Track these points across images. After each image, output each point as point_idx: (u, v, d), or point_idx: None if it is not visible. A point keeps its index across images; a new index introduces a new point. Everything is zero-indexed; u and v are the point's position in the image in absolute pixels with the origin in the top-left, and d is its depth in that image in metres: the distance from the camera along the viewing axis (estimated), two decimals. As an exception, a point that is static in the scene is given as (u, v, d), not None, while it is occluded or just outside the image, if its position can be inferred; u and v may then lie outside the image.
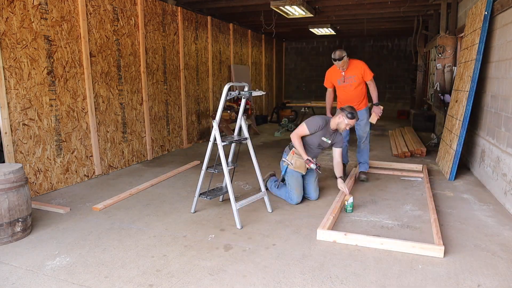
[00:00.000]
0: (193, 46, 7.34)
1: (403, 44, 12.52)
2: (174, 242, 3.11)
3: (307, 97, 13.64)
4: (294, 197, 3.96)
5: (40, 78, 4.21)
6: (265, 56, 11.60)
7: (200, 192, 3.71)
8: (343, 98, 4.76)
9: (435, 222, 3.29)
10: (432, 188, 4.44)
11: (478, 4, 4.85)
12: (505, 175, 3.88)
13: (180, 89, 6.98)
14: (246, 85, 3.82)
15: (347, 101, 4.65)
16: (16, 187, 3.07)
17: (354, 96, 4.68)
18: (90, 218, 3.64)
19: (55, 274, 2.63)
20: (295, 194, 3.95)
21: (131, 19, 5.56)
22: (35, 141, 4.21)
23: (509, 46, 3.91)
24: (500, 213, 3.70)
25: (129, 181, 4.87)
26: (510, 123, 3.81)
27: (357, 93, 4.67)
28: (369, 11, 7.89)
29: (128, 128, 5.65)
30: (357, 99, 4.69)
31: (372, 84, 4.68)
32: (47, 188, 4.39)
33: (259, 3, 6.99)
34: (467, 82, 4.74)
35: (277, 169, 5.51)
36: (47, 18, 4.25)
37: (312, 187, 4.11)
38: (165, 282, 2.52)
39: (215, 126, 3.46)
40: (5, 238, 3.06)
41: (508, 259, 2.80)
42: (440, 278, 2.54)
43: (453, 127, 5.14)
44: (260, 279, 2.54)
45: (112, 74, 5.26)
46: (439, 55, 7.02)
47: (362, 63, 4.65)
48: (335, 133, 4.02)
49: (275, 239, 3.15)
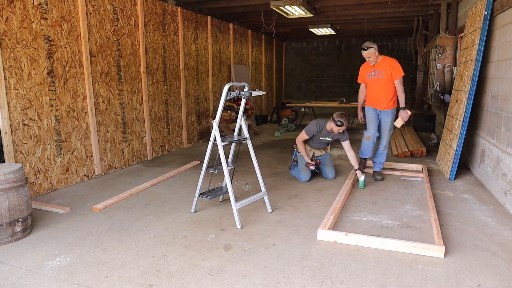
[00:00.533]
0: (193, 46, 7.34)
1: (403, 44, 12.53)
2: (174, 242, 3.11)
3: (307, 97, 13.65)
4: (302, 176, 4.80)
5: (40, 78, 4.21)
6: (265, 56, 11.60)
7: (200, 192, 3.71)
8: (372, 94, 4.72)
9: (436, 222, 3.29)
10: (432, 188, 4.44)
11: (478, 4, 4.85)
12: (505, 175, 3.88)
13: (180, 89, 6.98)
14: (246, 85, 3.82)
15: (375, 98, 4.67)
16: (16, 187, 3.07)
17: (382, 93, 4.62)
18: (90, 218, 3.64)
19: (55, 274, 2.63)
20: (303, 174, 4.80)
21: (131, 19, 5.56)
22: (35, 141, 4.21)
23: (509, 46, 3.91)
24: (500, 213, 3.70)
25: (129, 181, 4.87)
26: (510, 123, 3.81)
27: (385, 91, 4.60)
28: (369, 11, 7.89)
29: (128, 128, 5.65)
30: (385, 98, 4.62)
31: (399, 86, 4.57)
32: (47, 188, 4.39)
33: (259, 3, 6.99)
34: (467, 82, 4.74)
35: (277, 169, 5.51)
36: (47, 18, 4.25)
37: (328, 169, 4.91)
38: (165, 282, 2.52)
39: (215, 126, 3.46)
40: (5, 238, 3.06)
41: (508, 259, 2.80)
42: (440, 278, 2.54)
43: (453, 127, 5.14)
44: (260, 279, 2.54)
45: (112, 74, 5.26)
46: (439, 55, 7.02)
47: (394, 60, 4.59)
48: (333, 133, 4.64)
49: (275, 239, 3.15)
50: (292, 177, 5.05)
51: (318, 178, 4.97)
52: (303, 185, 4.70)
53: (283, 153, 6.68)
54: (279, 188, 4.59)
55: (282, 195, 4.30)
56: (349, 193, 4.27)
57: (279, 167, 5.64)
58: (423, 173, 4.99)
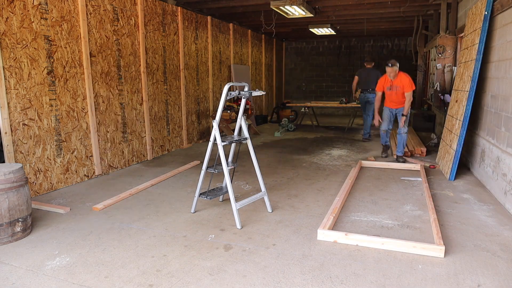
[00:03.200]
0: (193, 46, 7.34)
1: (403, 44, 12.52)
2: (174, 242, 3.11)
3: (307, 97, 13.65)
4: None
5: (40, 78, 4.22)
6: (265, 56, 11.60)
7: (200, 192, 3.71)
8: (388, 99, 6.09)
9: (435, 222, 3.29)
10: (432, 188, 4.45)
11: (478, 4, 4.85)
12: (505, 175, 3.88)
13: (180, 89, 6.98)
14: (246, 85, 3.82)
15: (391, 101, 6.03)
16: (16, 187, 3.07)
17: (396, 99, 5.94)
18: (90, 218, 3.64)
19: (55, 274, 2.63)
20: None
21: (131, 19, 5.56)
22: (35, 141, 4.21)
23: (509, 46, 3.91)
24: (500, 213, 3.70)
25: (129, 181, 4.87)
26: (510, 123, 3.81)
27: (399, 99, 5.92)
28: (369, 11, 7.89)
29: (128, 128, 5.65)
30: (399, 102, 5.95)
31: (408, 97, 5.76)
32: (47, 188, 4.39)
33: (259, 3, 6.99)
34: (467, 82, 4.74)
35: (277, 169, 5.51)
36: (47, 18, 4.25)
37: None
38: (165, 282, 2.52)
39: (215, 126, 3.46)
40: (5, 238, 3.06)
41: (508, 259, 2.80)
42: (440, 278, 2.54)
43: (453, 127, 5.14)
44: (260, 279, 2.54)
45: (112, 74, 5.26)
46: (439, 55, 7.02)
47: (408, 78, 5.79)
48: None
49: (275, 239, 3.15)
50: (292, 176, 5.05)
51: (318, 178, 4.98)
52: (303, 185, 4.70)
53: (283, 153, 6.68)
54: (279, 188, 4.59)
55: (282, 195, 4.30)
56: (348, 193, 4.28)
57: (279, 167, 5.64)
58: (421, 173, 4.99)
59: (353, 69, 13.08)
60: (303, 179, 4.98)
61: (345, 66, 13.23)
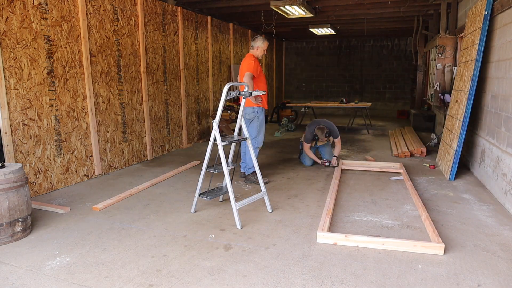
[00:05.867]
0: (193, 46, 7.34)
1: (403, 44, 12.52)
2: (174, 242, 3.11)
3: (307, 97, 13.65)
4: (306, 161, 5.68)
5: (40, 78, 4.21)
6: (265, 56, 11.59)
7: (200, 192, 3.71)
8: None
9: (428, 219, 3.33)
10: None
11: (478, 4, 4.85)
12: (505, 175, 3.88)
13: (180, 89, 6.98)
14: (246, 85, 3.82)
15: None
16: (16, 187, 3.07)
17: None
18: (90, 218, 3.64)
19: (55, 274, 2.63)
20: (307, 160, 5.67)
21: (131, 19, 5.56)
22: (35, 141, 4.21)
23: (509, 46, 3.91)
24: (500, 213, 3.70)
25: (129, 181, 4.87)
26: (510, 123, 3.81)
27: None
28: (369, 11, 7.88)
29: (128, 128, 5.65)
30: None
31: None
32: (47, 188, 4.39)
33: (259, 3, 6.99)
34: (467, 82, 4.74)
35: (277, 169, 5.51)
36: (47, 18, 4.25)
37: (326, 153, 5.69)
38: (165, 282, 2.52)
39: (215, 126, 3.46)
40: (5, 238, 3.06)
41: (508, 259, 2.80)
42: (440, 278, 2.54)
43: (453, 127, 5.14)
44: (260, 279, 2.54)
45: (112, 74, 5.26)
46: (439, 55, 7.02)
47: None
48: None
49: (275, 239, 3.15)
50: (292, 176, 5.05)
51: (318, 178, 4.98)
52: (303, 185, 4.71)
53: (283, 153, 6.68)
54: (279, 188, 4.59)
55: (282, 195, 4.30)
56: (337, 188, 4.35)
57: (279, 167, 5.64)
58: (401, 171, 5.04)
59: (353, 69, 13.10)
60: (303, 179, 4.98)
61: (345, 66, 13.23)
